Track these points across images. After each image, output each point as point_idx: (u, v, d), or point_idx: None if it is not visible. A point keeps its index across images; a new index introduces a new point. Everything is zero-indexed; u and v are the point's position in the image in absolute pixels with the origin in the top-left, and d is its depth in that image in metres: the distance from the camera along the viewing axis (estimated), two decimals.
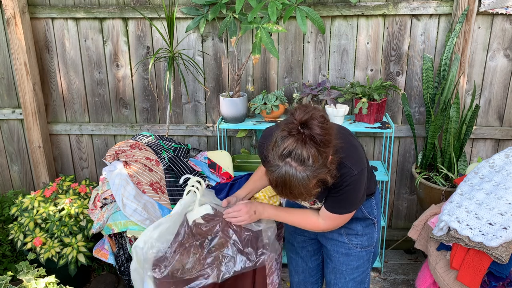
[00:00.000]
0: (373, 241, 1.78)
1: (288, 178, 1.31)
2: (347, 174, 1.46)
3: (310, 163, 1.30)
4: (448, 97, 2.55)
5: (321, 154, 1.32)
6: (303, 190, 1.34)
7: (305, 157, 1.30)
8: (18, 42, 2.70)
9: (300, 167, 1.31)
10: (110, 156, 2.45)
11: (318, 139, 1.30)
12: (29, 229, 2.45)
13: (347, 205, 1.56)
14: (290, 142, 1.31)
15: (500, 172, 2.05)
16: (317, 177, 1.34)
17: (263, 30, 2.37)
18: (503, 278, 1.87)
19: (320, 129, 1.30)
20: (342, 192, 1.50)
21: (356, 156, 1.51)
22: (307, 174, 1.31)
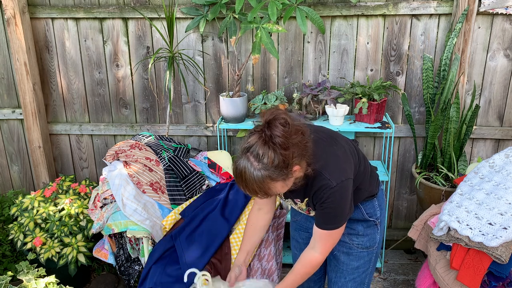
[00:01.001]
0: (375, 242, 1.77)
1: (243, 171, 1.37)
2: (326, 186, 1.47)
3: (265, 162, 1.34)
4: (448, 97, 2.55)
5: (278, 155, 1.34)
6: (257, 187, 1.38)
7: (260, 155, 1.34)
8: (18, 42, 2.70)
9: (256, 164, 1.35)
10: (110, 156, 2.45)
11: (277, 141, 1.34)
12: (29, 229, 2.45)
13: (333, 220, 1.54)
14: (252, 138, 1.37)
15: (500, 172, 2.05)
16: (274, 179, 1.37)
17: (263, 30, 2.37)
18: (503, 278, 1.87)
19: (280, 131, 1.34)
20: (325, 206, 1.50)
21: (336, 167, 1.50)
22: (262, 173, 1.35)
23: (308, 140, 1.43)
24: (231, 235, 2.16)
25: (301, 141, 1.40)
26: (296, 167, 1.41)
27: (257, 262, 2.16)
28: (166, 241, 2.13)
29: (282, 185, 1.43)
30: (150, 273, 2.05)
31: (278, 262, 2.29)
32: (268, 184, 1.38)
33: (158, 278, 2.01)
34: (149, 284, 2.01)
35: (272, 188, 1.40)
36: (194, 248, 2.05)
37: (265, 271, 2.19)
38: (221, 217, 2.18)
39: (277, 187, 1.41)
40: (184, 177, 2.41)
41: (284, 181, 1.41)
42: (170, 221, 2.23)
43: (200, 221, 2.16)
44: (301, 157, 1.41)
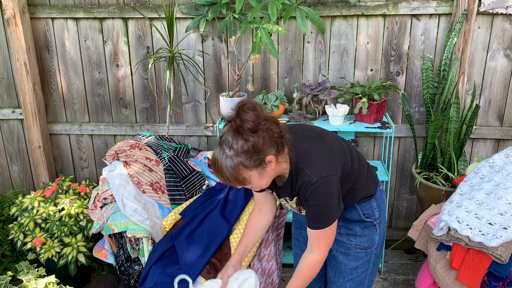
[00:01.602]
0: (374, 243, 1.75)
1: (217, 160, 1.41)
2: (307, 182, 1.47)
3: (235, 148, 1.37)
4: (448, 97, 2.55)
5: (247, 141, 1.36)
6: (229, 175, 1.40)
7: (231, 142, 1.38)
8: (18, 42, 2.70)
9: (228, 151, 1.38)
10: (110, 156, 2.45)
11: (246, 126, 1.36)
12: (29, 229, 2.45)
13: (321, 218, 1.53)
14: (225, 128, 1.42)
15: (500, 172, 2.05)
16: (247, 166, 1.39)
17: (263, 30, 2.37)
18: (503, 278, 1.87)
19: (249, 116, 1.37)
20: (309, 204, 1.51)
21: (318, 164, 1.50)
22: (234, 159, 1.38)
23: (281, 130, 1.44)
24: (231, 235, 2.16)
25: (271, 129, 1.41)
26: (270, 157, 1.41)
27: (257, 262, 2.16)
28: (166, 241, 2.13)
29: (258, 175, 1.43)
30: (150, 273, 2.05)
31: (278, 262, 2.29)
32: (242, 172, 1.40)
33: (158, 278, 2.01)
34: (149, 284, 2.01)
35: (246, 176, 1.42)
36: (194, 248, 2.05)
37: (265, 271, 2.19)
38: (221, 217, 2.18)
39: (253, 176, 1.43)
40: (184, 177, 2.41)
41: (258, 171, 1.42)
42: (170, 221, 2.23)
43: (200, 221, 2.16)
44: (274, 146, 1.42)
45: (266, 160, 1.41)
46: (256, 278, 1.72)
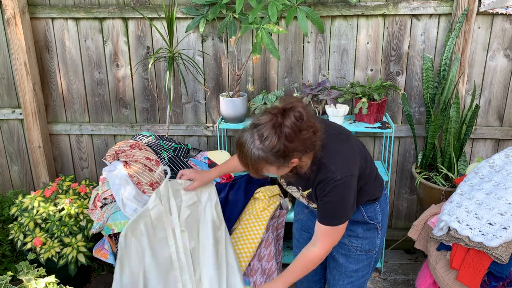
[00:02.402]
0: (375, 246, 1.75)
1: (244, 144, 1.40)
2: (331, 178, 1.48)
3: (266, 145, 1.36)
4: (448, 97, 2.55)
5: (280, 144, 1.35)
6: (250, 164, 1.40)
7: (264, 136, 1.36)
8: (18, 42, 2.70)
9: (258, 143, 1.37)
10: (110, 156, 2.45)
11: (285, 131, 1.35)
12: (29, 229, 2.45)
13: (335, 215, 1.54)
14: (264, 117, 1.39)
15: (500, 172, 2.05)
16: (269, 163, 1.39)
17: (263, 31, 2.37)
18: (503, 278, 1.87)
19: (291, 123, 1.35)
20: (327, 200, 1.51)
21: (342, 162, 1.51)
22: (259, 153, 1.37)
23: (318, 139, 1.44)
24: (231, 235, 2.16)
25: (310, 138, 1.40)
26: (295, 160, 1.42)
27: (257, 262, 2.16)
28: None
29: (276, 170, 1.45)
30: None
31: (278, 262, 2.29)
32: (262, 165, 1.41)
33: None
34: None
35: (265, 170, 1.43)
36: None
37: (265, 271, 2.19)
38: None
39: (270, 170, 1.44)
40: None
41: (278, 168, 1.43)
42: None
43: None
44: (303, 152, 1.42)
45: (289, 162, 1.42)
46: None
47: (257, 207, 2.26)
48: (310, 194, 1.61)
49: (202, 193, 1.94)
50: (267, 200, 2.28)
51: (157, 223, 1.82)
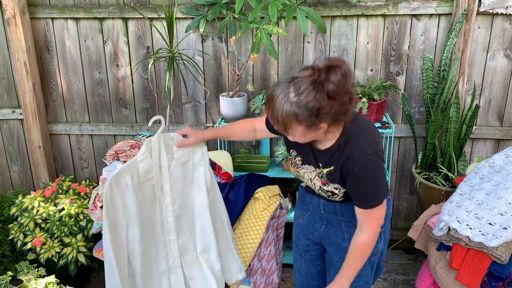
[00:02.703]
0: (377, 252, 1.72)
1: (276, 96, 1.34)
2: (361, 152, 1.42)
3: (301, 99, 1.30)
4: (448, 97, 2.55)
5: (317, 101, 1.30)
6: (277, 116, 1.34)
7: (301, 90, 1.30)
8: (18, 42, 2.70)
9: (292, 95, 1.31)
10: (110, 156, 2.45)
11: (327, 87, 1.29)
12: (29, 229, 2.45)
13: (373, 194, 1.46)
14: (304, 72, 1.33)
15: (500, 172, 2.05)
16: (299, 121, 1.33)
17: (263, 31, 2.37)
18: (503, 278, 1.87)
19: (336, 79, 1.30)
20: (361, 178, 1.44)
21: (371, 139, 1.46)
22: (292, 107, 1.31)
23: (351, 108, 1.38)
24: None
25: (346, 103, 1.35)
26: (324, 125, 1.37)
27: (257, 262, 2.16)
28: None
29: (303, 132, 1.38)
30: None
31: (278, 262, 2.29)
32: (291, 122, 1.34)
33: None
34: None
35: (292, 128, 1.36)
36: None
37: (265, 271, 2.19)
38: None
39: (298, 130, 1.37)
40: None
41: (306, 129, 1.37)
42: None
43: None
44: (335, 119, 1.37)
45: (318, 125, 1.36)
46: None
47: (257, 207, 2.26)
48: (331, 172, 1.53)
49: (194, 152, 1.79)
50: (267, 200, 2.28)
51: (145, 179, 1.67)
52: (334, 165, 1.51)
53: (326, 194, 1.61)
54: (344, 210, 1.67)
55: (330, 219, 1.73)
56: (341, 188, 1.55)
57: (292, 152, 1.66)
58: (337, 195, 1.58)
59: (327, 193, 1.60)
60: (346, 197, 1.58)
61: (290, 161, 1.69)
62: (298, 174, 1.67)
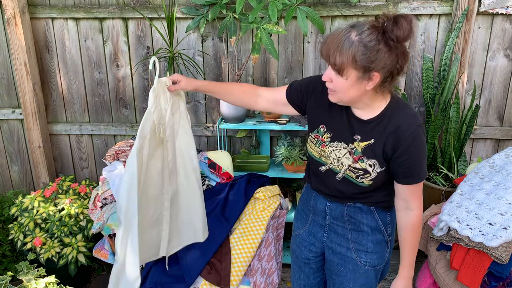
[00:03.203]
0: (383, 261, 1.65)
1: (336, 35, 1.32)
2: (413, 122, 1.39)
3: (363, 37, 1.28)
4: (448, 97, 2.55)
5: (377, 42, 1.28)
6: (338, 56, 1.30)
7: (362, 30, 1.29)
8: (18, 42, 2.70)
9: (353, 35, 1.29)
10: (110, 156, 2.45)
11: (388, 34, 1.27)
12: (29, 229, 2.45)
13: (422, 167, 1.43)
14: (369, 25, 1.30)
15: (500, 172, 2.05)
16: (355, 61, 1.29)
17: (263, 31, 2.37)
18: (503, 278, 1.87)
19: (399, 30, 1.26)
20: (412, 151, 1.39)
21: (414, 112, 1.44)
22: (353, 44, 1.28)
23: (404, 69, 1.36)
24: (231, 235, 2.16)
25: (402, 58, 1.32)
26: (377, 74, 1.32)
27: (257, 262, 2.16)
28: None
29: (353, 81, 1.33)
30: (150, 273, 2.05)
31: (278, 262, 2.29)
32: (348, 62, 1.30)
33: (158, 278, 2.01)
34: (149, 284, 2.01)
35: (345, 69, 1.31)
36: (194, 248, 2.05)
37: (265, 271, 2.19)
38: (221, 217, 2.19)
39: (350, 76, 1.32)
40: None
41: (358, 77, 1.32)
42: None
43: None
44: (388, 73, 1.33)
45: (371, 73, 1.32)
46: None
47: (257, 207, 2.26)
48: (370, 146, 1.45)
49: (180, 101, 1.70)
50: (267, 200, 2.28)
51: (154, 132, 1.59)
52: (376, 138, 1.44)
53: (356, 174, 1.49)
54: (352, 214, 1.59)
55: (333, 226, 1.64)
56: (377, 165, 1.46)
57: (321, 128, 1.55)
58: (369, 174, 1.47)
59: (357, 173, 1.49)
60: (376, 180, 1.48)
61: (316, 139, 1.56)
62: (322, 154, 1.55)
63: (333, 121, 1.52)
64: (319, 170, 1.58)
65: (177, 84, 1.61)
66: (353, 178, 1.50)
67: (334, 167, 1.53)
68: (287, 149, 2.61)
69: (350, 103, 1.44)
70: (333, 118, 1.52)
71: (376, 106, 1.44)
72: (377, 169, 1.47)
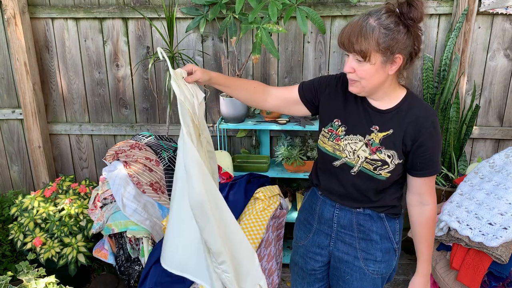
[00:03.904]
0: (391, 269, 1.61)
1: (356, 23, 1.35)
2: (431, 114, 1.41)
3: (383, 20, 1.33)
4: (448, 97, 2.55)
5: (396, 24, 1.33)
6: (361, 43, 1.33)
7: (381, 15, 1.33)
8: (18, 42, 2.70)
9: (372, 21, 1.33)
10: (110, 156, 2.45)
11: (405, 16, 1.33)
12: (29, 229, 2.45)
13: (439, 159, 1.44)
14: (385, 10, 1.35)
15: (500, 172, 2.05)
16: (380, 43, 1.32)
17: (263, 30, 2.37)
18: (503, 278, 1.87)
19: (414, 11, 1.32)
20: (433, 140, 1.40)
21: (429, 105, 1.49)
22: (375, 29, 1.32)
23: (421, 49, 1.42)
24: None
25: (418, 39, 1.39)
26: (400, 56, 1.35)
27: None
28: None
29: (378, 66, 1.36)
30: (150, 273, 2.05)
31: (278, 262, 2.29)
32: (371, 47, 1.33)
33: (158, 278, 2.01)
34: (149, 284, 2.01)
35: (372, 57, 1.34)
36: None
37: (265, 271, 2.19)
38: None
39: (375, 60, 1.35)
40: None
41: (382, 62, 1.35)
42: None
43: None
44: (408, 55, 1.38)
45: (394, 56, 1.35)
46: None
47: (257, 207, 2.26)
48: (389, 136, 1.43)
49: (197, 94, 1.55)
50: (267, 200, 2.28)
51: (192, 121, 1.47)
52: (395, 128, 1.43)
53: (374, 166, 1.45)
54: (362, 222, 1.55)
55: (341, 235, 1.59)
56: (396, 156, 1.44)
57: (335, 122, 1.53)
58: (388, 166, 1.44)
59: (375, 164, 1.45)
60: (393, 173, 1.46)
61: (330, 133, 1.53)
62: (336, 148, 1.51)
63: (349, 114, 1.51)
64: (332, 165, 1.53)
65: (193, 74, 1.52)
66: (370, 171, 1.46)
67: (350, 160, 1.49)
68: (287, 149, 2.61)
69: (371, 92, 1.44)
70: (349, 111, 1.51)
71: (394, 96, 1.45)
72: (395, 161, 1.45)
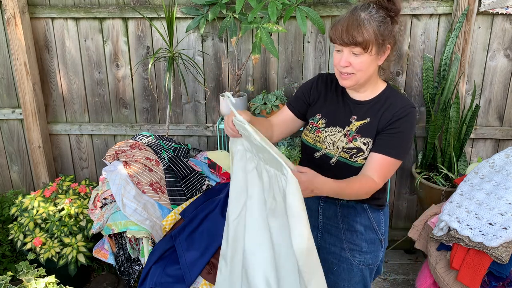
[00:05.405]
0: (377, 260, 1.68)
1: (350, 18, 1.47)
2: (408, 103, 1.51)
3: (373, 13, 1.46)
4: (448, 97, 2.55)
5: (385, 16, 1.47)
6: (355, 24, 1.44)
7: (369, 10, 1.46)
8: (18, 42, 2.70)
9: (365, 14, 1.45)
10: (110, 156, 2.45)
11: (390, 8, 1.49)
12: (29, 229, 2.45)
13: (401, 144, 1.48)
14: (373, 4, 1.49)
15: (500, 172, 2.05)
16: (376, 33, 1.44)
17: (263, 30, 2.37)
18: (503, 278, 1.87)
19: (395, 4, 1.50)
20: (400, 129, 1.47)
21: (408, 98, 1.57)
22: (369, 20, 1.44)
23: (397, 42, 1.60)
24: None
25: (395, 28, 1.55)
26: (389, 45, 1.50)
27: None
28: (166, 241, 2.13)
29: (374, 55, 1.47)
30: (150, 273, 2.05)
31: None
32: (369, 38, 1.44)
33: (158, 278, 2.01)
34: (149, 284, 2.01)
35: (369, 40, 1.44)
36: (194, 248, 2.05)
37: None
38: (221, 217, 2.18)
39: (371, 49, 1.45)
40: (184, 177, 2.41)
41: (376, 50, 1.46)
42: (170, 221, 2.23)
43: (200, 221, 2.16)
44: (394, 39, 1.52)
45: (386, 46, 1.48)
46: None
47: None
48: (365, 124, 1.52)
49: None
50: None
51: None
52: (371, 117, 1.53)
53: (349, 154, 1.52)
54: (346, 213, 1.62)
55: (327, 227, 1.67)
56: (371, 144, 1.51)
57: (317, 116, 1.62)
58: (363, 153, 1.51)
59: (350, 152, 1.51)
60: None
61: (311, 126, 1.61)
62: (316, 140, 1.58)
63: (329, 107, 1.61)
64: (314, 157, 1.60)
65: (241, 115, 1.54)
66: (347, 159, 1.53)
67: (329, 151, 1.57)
68: (287, 149, 2.61)
69: (363, 83, 1.53)
70: (328, 104, 1.61)
71: (376, 88, 1.56)
72: (370, 147, 1.52)
